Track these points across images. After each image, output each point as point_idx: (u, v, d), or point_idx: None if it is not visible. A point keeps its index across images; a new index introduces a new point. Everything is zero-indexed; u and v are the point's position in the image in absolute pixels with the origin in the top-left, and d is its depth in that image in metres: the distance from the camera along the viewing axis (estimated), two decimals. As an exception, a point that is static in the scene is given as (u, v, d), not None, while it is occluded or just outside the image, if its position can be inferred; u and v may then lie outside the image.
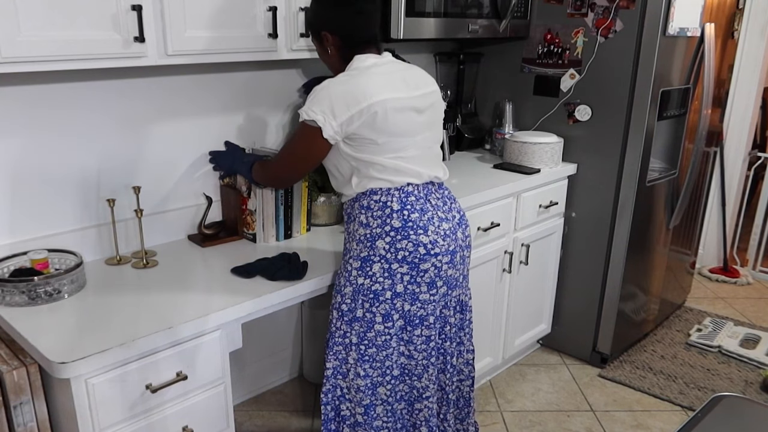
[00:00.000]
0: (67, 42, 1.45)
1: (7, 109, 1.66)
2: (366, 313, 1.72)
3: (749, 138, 3.86)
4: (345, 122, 1.58)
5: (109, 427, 1.42)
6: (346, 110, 1.57)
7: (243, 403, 2.56)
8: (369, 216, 1.69)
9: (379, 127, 1.60)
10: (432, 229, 1.69)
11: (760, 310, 3.56)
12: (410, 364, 1.80)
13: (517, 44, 2.77)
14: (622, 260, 2.71)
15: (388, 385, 1.80)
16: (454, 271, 1.77)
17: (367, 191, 1.69)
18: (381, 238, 1.68)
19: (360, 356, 1.75)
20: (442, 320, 1.82)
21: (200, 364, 1.56)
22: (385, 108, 1.59)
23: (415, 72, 1.74)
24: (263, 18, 1.82)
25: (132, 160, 1.94)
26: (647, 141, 2.58)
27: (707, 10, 2.67)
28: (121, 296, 1.63)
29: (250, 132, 2.23)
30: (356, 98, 1.57)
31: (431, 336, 1.78)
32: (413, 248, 1.67)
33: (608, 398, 2.68)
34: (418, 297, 1.72)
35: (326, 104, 1.57)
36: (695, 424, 1.25)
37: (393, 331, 1.74)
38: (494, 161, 2.76)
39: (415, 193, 1.71)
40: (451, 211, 1.79)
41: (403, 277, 1.69)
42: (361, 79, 1.61)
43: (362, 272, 1.70)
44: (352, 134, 1.61)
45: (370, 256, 1.69)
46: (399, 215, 1.67)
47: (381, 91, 1.60)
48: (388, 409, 1.82)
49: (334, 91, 1.59)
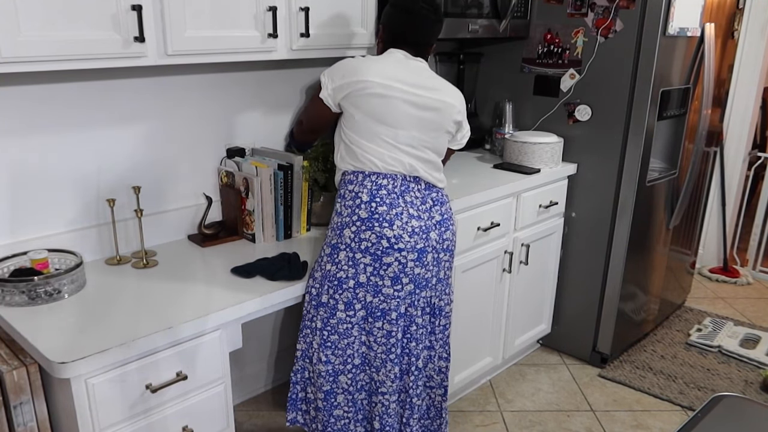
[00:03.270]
0: (67, 42, 1.45)
1: (7, 109, 1.66)
2: (330, 299, 1.76)
3: (749, 138, 3.86)
4: (336, 88, 1.77)
5: (109, 427, 1.43)
6: (341, 78, 1.76)
7: (243, 403, 2.56)
8: (342, 205, 1.78)
9: (360, 103, 1.74)
10: (398, 224, 1.73)
11: (760, 310, 3.56)
12: (370, 354, 1.83)
13: (517, 44, 2.77)
14: (622, 260, 2.71)
15: (349, 374, 1.82)
16: (423, 271, 1.79)
17: (345, 178, 1.79)
18: (348, 227, 1.74)
19: (323, 341, 1.79)
20: (407, 318, 1.83)
21: (200, 364, 1.56)
22: (372, 87, 1.71)
23: (439, 81, 1.83)
24: (263, 18, 1.82)
25: (132, 160, 1.94)
26: (647, 141, 2.58)
27: (707, 10, 2.67)
28: (121, 296, 1.63)
29: (251, 132, 2.23)
30: (353, 71, 1.75)
31: (392, 332, 1.79)
32: (376, 240, 1.72)
33: (608, 398, 2.68)
34: (381, 290, 1.76)
35: (334, 70, 1.80)
36: (695, 424, 1.25)
37: (354, 320, 1.78)
38: (494, 161, 2.76)
39: (388, 188, 1.75)
40: (429, 211, 1.81)
41: (366, 267, 1.74)
42: (371, 60, 1.80)
43: (330, 259, 1.76)
44: (339, 104, 1.78)
45: (338, 244, 1.75)
46: (367, 206, 1.73)
47: (379, 73, 1.74)
48: (349, 399, 1.85)
49: (346, 62, 1.80)
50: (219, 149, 2.14)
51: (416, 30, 1.82)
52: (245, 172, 2.02)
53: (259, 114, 2.24)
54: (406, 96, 1.74)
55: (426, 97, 1.77)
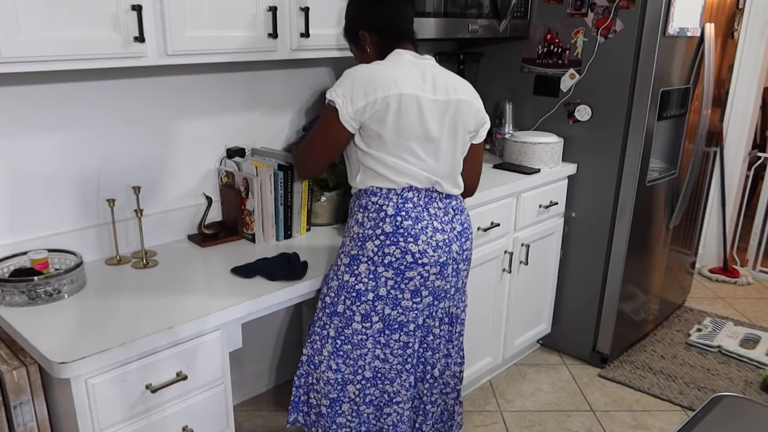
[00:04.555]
0: (66, 42, 1.45)
1: (8, 109, 1.66)
2: (346, 310, 1.73)
3: (749, 138, 3.86)
4: (360, 110, 1.58)
5: (109, 427, 1.42)
6: (363, 98, 1.57)
7: (243, 403, 2.56)
8: (365, 216, 1.70)
9: (389, 121, 1.59)
10: (423, 238, 1.68)
11: (760, 310, 3.56)
12: (384, 367, 1.79)
13: (517, 44, 2.77)
14: (622, 260, 2.71)
15: (358, 384, 1.80)
16: (443, 283, 1.76)
17: (368, 190, 1.69)
18: (371, 240, 1.68)
19: (335, 350, 1.77)
20: (424, 329, 1.80)
21: (200, 364, 1.56)
22: (399, 102, 1.58)
23: (453, 79, 1.71)
24: (263, 18, 1.82)
25: (132, 160, 1.94)
26: (647, 141, 2.58)
27: (707, 10, 2.67)
28: (121, 296, 1.63)
29: (251, 132, 2.23)
30: (375, 87, 1.57)
31: (409, 342, 1.77)
32: (400, 255, 1.67)
33: (608, 398, 2.68)
34: (400, 303, 1.72)
35: (348, 87, 1.59)
36: (695, 424, 1.25)
37: (370, 332, 1.74)
38: (494, 161, 2.76)
39: (414, 200, 1.69)
40: (451, 222, 1.76)
41: (387, 281, 1.69)
42: (389, 67, 1.62)
43: (349, 269, 1.71)
44: (362, 125, 1.61)
45: (359, 256, 1.70)
46: (392, 220, 1.67)
47: (402, 84, 1.59)
48: (354, 408, 1.83)
49: (360, 75, 1.60)
50: (219, 149, 2.14)
51: (402, 19, 1.70)
52: (245, 172, 2.02)
53: (259, 114, 2.24)
54: (433, 105, 1.62)
55: (446, 103, 1.65)
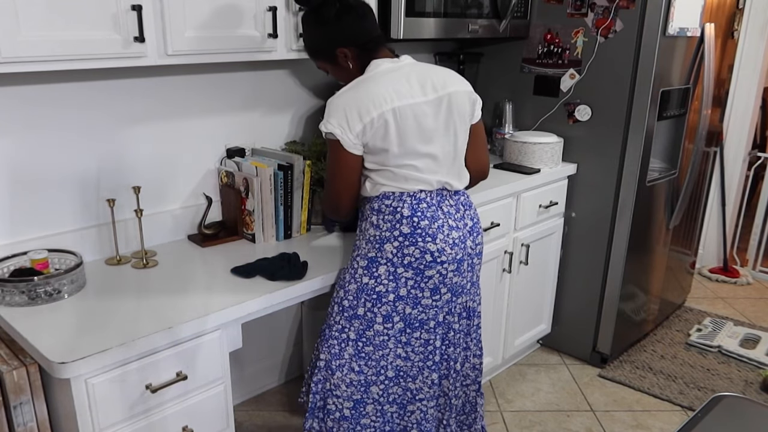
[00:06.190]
0: (67, 42, 1.45)
1: (7, 109, 1.66)
2: (367, 312, 1.73)
3: (749, 138, 3.86)
4: (360, 133, 1.61)
5: (109, 427, 1.42)
6: (359, 121, 1.59)
7: (243, 403, 2.56)
8: (380, 219, 1.71)
9: (391, 136, 1.61)
10: (441, 237, 1.70)
11: (760, 310, 3.56)
12: (406, 365, 1.80)
13: (517, 44, 2.77)
14: (622, 260, 2.71)
15: (381, 385, 1.80)
16: (460, 279, 1.77)
17: (380, 195, 1.71)
18: (389, 242, 1.69)
19: (357, 352, 1.76)
20: (445, 326, 1.81)
21: (200, 364, 1.56)
22: (395, 116, 1.60)
23: (435, 73, 1.70)
24: (263, 18, 1.82)
25: (132, 160, 1.94)
26: (647, 141, 2.58)
27: (707, 10, 2.67)
28: (121, 296, 1.63)
29: (251, 132, 2.23)
30: (368, 107, 1.59)
31: (430, 339, 1.78)
32: (420, 255, 1.68)
33: (608, 398, 2.68)
34: (420, 301, 1.73)
35: (341, 115, 1.60)
36: (695, 424, 1.25)
37: (392, 332, 1.75)
38: (494, 161, 2.76)
39: (427, 200, 1.71)
40: (463, 218, 1.78)
41: (407, 281, 1.71)
42: (371, 85, 1.62)
43: (368, 272, 1.71)
44: (366, 145, 1.64)
45: (377, 258, 1.70)
46: (409, 221, 1.68)
47: (392, 97, 1.60)
48: (378, 408, 1.83)
49: (347, 100, 1.61)
50: (219, 149, 2.14)
51: (372, 21, 1.70)
52: (245, 172, 2.02)
53: (259, 114, 2.24)
54: (424, 107, 1.64)
55: (437, 100, 1.66)
